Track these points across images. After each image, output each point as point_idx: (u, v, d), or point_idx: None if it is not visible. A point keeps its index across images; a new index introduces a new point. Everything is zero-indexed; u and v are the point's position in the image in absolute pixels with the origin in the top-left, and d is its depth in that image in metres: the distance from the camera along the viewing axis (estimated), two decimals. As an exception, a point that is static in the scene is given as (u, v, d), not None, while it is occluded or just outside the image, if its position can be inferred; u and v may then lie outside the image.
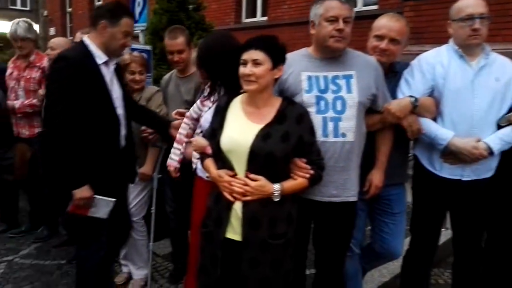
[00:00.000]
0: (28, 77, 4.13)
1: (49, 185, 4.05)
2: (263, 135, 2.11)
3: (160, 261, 3.92)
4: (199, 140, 2.41)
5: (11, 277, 3.67)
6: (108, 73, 2.73)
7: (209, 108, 2.61)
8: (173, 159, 2.89)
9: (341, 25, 2.28)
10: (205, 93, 2.70)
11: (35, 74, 4.14)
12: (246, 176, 2.11)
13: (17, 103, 4.04)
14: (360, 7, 9.45)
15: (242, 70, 2.14)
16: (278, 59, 2.15)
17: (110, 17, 2.65)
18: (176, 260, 3.67)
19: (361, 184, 2.51)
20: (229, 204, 2.16)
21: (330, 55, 2.39)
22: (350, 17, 2.31)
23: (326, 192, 2.34)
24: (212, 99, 2.61)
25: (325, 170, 2.26)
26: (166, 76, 3.69)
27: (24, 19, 4.23)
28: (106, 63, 2.72)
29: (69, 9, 19.24)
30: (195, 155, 2.68)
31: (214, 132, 2.27)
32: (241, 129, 2.17)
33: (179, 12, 5.99)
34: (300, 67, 2.38)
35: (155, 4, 6.10)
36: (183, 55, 3.37)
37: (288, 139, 2.12)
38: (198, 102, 2.81)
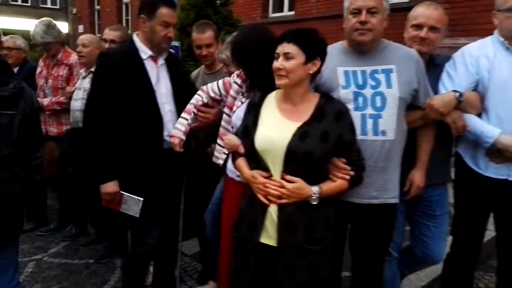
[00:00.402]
0: (56, 75, 4.10)
1: (78, 183, 4.07)
2: (301, 134, 1.98)
3: (189, 261, 3.84)
4: (231, 139, 2.30)
5: (40, 276, 3.64)
6: (154, 68, 2.69)
7: (242, 103, 2.50)
8: (179, 129, 2.65)
9: (363, 17, 2.17)
10: (235, 80, 2.59)
11: (63, 71, 4.10)
12: (282, 178, 1.99)
13: (45, 101, 4.03)
14: (390, -1, 9.22)
15: (274, 63, 2.02)
16: (312, 53, 2.01)
17: (147, 11, 2.61)
18: (205, 260, 3.59)
19: (401, 184, 2.37)
20: (264, 207, 2.04)
21: (359, 49, 2.27)
22: (376, 7, 2.17)
23: (365, 193, 2.21)
24: (246, 95, 2.50)
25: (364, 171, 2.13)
26: (195, 72, 3.61)
27: (45, 19, 4.15)
28: (153, 58, 2.68)
29: (97, 7, 19.45)
30: (218, 149, 2.58)
31: (247, 130, 2.15)
32: (276, 127, 2.04)
33: (206, 7, 5.92)
34: (336, 62, 2.26)
35: (182, 0, 6.05)
36: (211, 49, 3.29)
37: (328, 138, 1.98)
38: (220, 82, 2.70)
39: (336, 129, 2.01)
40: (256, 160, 2.09)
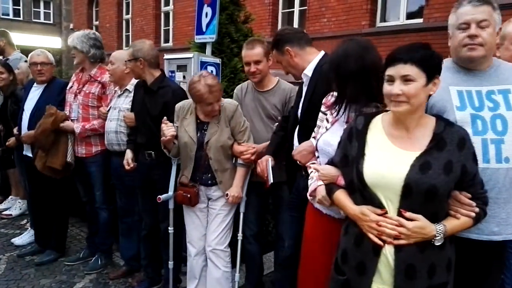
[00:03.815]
0: (87, 91, 3.76)
1: (108, 207, 3.84)
2: (421, 165, 1.71)
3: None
4: (328, 169, 2.03)
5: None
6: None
7: (327, 129, 2.26)
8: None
9: (472, 30, 1.96)
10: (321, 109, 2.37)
11: (95, 89, 3.77)
12: (400, 215, 1.72)
13: (77, 128, 3.69)
14: (402, 20, 9.14)
15: (389, 89, 1.75)
16: (433, 72, 1.74)
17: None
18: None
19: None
20: (377, 249, 1.76)
21: (471, 67, 2.03)
22: (487, 20, 1.95)
23: (486, 229, 1.93)
24: (331, 118, 2.27)
25: (485, 204, 1.87)
26: (243, 87, 3.39)
27: (92, 31, 3.93)
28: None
29: (95, 22, 19.20)
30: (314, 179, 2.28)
31: (347, 159, 1.90)
32: (390, 158, 1.78)
33: (228, 24, 5.77)
34: (447, 81, 1.99)
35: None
36: (260, 66, 3.13)
37: (451, 169, 1.72)
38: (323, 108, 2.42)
39: (460, 158, 1.74)
40: (364, 195, 1.81)
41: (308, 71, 2.66)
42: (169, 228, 3.23)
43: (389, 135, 1.85)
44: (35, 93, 4.03)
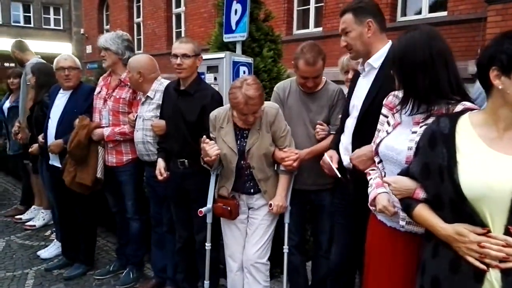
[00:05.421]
0: (117, 97, 3.58)
1: (140, 217, 3.65)
2: None
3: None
4: (403, 181, 1.77)
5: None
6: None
7: (388, 132, 2.00)
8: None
9: None
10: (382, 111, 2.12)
11: (126, 94, 3.58)
12: (508, 233, 1.49)
13: (106, 131, 3.52)
14: (425, 14, 8.87)
15: None
16: None
17: None
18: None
19: None
20: (479, 274, 1.52)
21: None
22: None
23: None
24: (392, 121, 2.03)
25: None
26: (286, 85, 3.10)
27: (119, 32, 3.78)
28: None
29: (106, 27, 19.10)
30: (374, 187, 2.07)
31: (428, 169, 1.66)
32: (490, 164, 1.52)
33: (249, 23, 5.57)
34: None
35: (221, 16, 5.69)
36: (318, 80, 2.92)
37: None
38: (384, 111, 2.14)
39: None
40: (459, 210, 1.56)
41: (374, 61, 2.38)
42: (206, 244, 2.99)
43: (482, 137, 1.60)
44: (62, 99, 3.83)
